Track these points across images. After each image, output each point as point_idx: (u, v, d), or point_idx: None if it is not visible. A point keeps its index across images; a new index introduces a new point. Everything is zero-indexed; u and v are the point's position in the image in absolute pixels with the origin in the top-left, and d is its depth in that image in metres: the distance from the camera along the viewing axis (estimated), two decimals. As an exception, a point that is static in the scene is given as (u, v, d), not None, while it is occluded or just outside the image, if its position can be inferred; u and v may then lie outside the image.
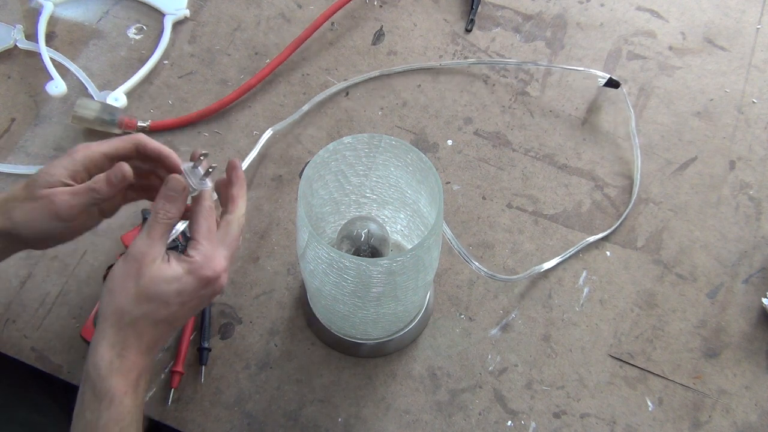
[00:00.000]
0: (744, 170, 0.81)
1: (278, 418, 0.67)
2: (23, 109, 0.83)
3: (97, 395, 0.50)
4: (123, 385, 0.51)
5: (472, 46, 0.89)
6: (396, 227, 0.70)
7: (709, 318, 0.73)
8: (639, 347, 0.71)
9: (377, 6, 0.93)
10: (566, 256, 0.74)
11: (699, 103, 0.85)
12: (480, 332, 0.71)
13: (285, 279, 0.73)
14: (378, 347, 0.69)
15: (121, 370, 0.51)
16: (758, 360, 0.70)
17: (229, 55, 0.88)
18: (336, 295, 0.59)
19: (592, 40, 0.90)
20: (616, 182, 0.80)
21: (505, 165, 0.81)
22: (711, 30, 0.91)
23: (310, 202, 0.62)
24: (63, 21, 0.90)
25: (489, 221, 0.77)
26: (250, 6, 0.92)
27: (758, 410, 0.68)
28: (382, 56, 0.88)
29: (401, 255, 0.54)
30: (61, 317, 0.71)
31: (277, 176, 0.79)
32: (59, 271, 0.73)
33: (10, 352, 0.69)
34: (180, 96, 0.85)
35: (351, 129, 0.83)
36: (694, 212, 0.78)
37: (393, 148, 0.60)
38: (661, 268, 0.75)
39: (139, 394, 0.53)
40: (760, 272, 0.75)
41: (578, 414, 0.68)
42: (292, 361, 0.69)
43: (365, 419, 0.67)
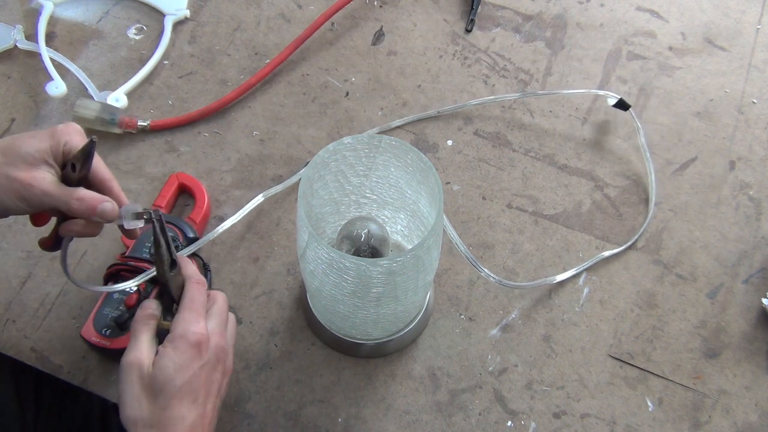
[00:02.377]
0: (744, 170, 0.81)
1: (278, 418, 0.67)
2: (23, 109, 0.83)
3: None
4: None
5: (472, 47, 0.89)
6: (396, 227, 0.70)
7: (709, 318, 0.73)
8: (639, 347, 0.71)
9: (377, 6, 0.93)
10: (581, 269, 0.74)
11: (699, 103, 0.85)
12: (480, 332, 0.71)
13: (285, 279, 0.73)
14: (378, 347, 0.69)
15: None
16: (758, 360, 0.70)
17: (229, 55, 0.88)
18: (336, 296, 0.59)
19: (592, 40, 0.90)
20: (616, 182, 0.80)
21: (505, 165, 0.81)
22: (711, 30, 0.91)
23: (310, 203, 0.62)
24: (63, 21, 0.90)
25: (489, 221, 0.77)
26: (250, 6, 0.92)
27: (758, 410, 0.68)
28: (382, 56, 0.88)
29: (401, 255, 0.54)
30: (61, 317, 0.71)
31: (277, 176, 0.79)
32: (59, 271, 0.73)
33: (10, 352, 0.69)
34: (180, 96, 0.85)
35: (351, 129, 0.83)
36: (694, 212, 0.78)
37: (393, 149, 0.60)
38: (661, 269, 0.75)
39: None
40: (760, 272, 0.75)
41: (578, 414, 0.68)
42: (292, 362, 0.69)
43: (365, 419, 0.67)
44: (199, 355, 0.53)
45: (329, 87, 0.86)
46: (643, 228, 0.76)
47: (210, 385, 0.54)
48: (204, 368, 0.53)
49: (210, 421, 0.54)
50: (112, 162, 0.79)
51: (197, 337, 0.53)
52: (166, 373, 0.52)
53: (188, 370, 0.52)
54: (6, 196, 0.53)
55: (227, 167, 0.80)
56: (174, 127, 0.82)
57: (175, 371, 0.52)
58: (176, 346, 0.52)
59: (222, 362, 0.55)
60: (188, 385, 0.52)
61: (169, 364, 0.52)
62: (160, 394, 0.51)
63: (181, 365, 0.52)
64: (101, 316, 0.67)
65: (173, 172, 0.78)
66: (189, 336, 0.53)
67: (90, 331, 0.66)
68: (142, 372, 0.52)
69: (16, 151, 0.53)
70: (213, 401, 0.54)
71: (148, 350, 0.53)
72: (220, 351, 0.55)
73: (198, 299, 0.56)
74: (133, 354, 0.53)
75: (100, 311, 0.67)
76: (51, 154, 0.55)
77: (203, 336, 0.53)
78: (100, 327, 0.66)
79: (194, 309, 0.55)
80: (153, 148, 0.81)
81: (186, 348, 0.52)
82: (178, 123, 0.82)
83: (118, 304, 0.67)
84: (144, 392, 0.52)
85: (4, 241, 0.75)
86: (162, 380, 0.51)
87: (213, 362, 0.54)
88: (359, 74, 0.87)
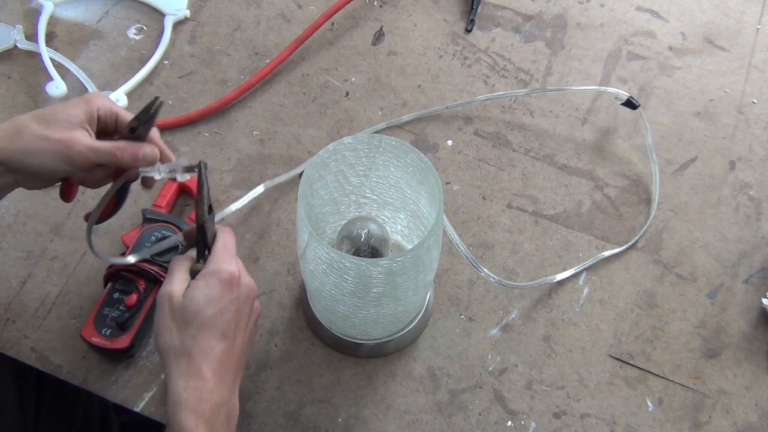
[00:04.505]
0: (744, 170, 0.81)
1: (278, 418, 0.67)
2: (23, 109, 0.83)
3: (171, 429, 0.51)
4: (193, 419, 0.50)
5: (472, 47, 0.89)
6: (396, 227, 0.70)
7: (709, 318, 0.73)
8: (639, 347, 0.71)
9: (377, 6, 0.93)
10: (581, 268, 0.74)
11: (699, 103, 0.85)
12: (480, 332, 0.71)
13: (285, 279, 0.73)
14: (378, 347, 0.69)
15: (189, 404, 0.51)
16: (758, 360, 0.70)
17: (229, 55, 0.88)
18: (336, 296, 0.60)
19: (592, 40, 0.90)
20: (616, 182, 0.80)
21: (505, 165, 0.81)
22: (711, 30, 0.91)
23: (310, 203, 0.62)
24: (63, 21, 0.90)
25: (489, 221, 0.77)
26: (250, 6, 0.92)
27: (758, 410, 0.68)
28: (382, 56, 0.88)
29: (401, 255, 0.54)
30: (61, 317, 0.71)
31: (277, 176, 0.79)
32: (59, 271, 0.73)
33: (10, 352, 0.69)
34: (180, 96, 0.85)
35: (351, 129, 0.83)
36: (694, 212, 0.78)
37: (393, 149, 0.60)
38: (661, 269, 0.75)
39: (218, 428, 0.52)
40: (760, 272, 0.75)
41: (578, 414, 0.68)
42: (292, 362, 0.69)
43: (365, 419, 0.67)
44: (230, 290, 0.54)
45: (329, 87, 0.86)
46: (644, 228, 0.76)
47: (239, 320, 0.55)
48: (234, 302, 0.55)
49: (239, 355, 0.55)
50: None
51: (228, 274, 0.55)
52: (197, 304, 0.53)
53: (218, 303, 0.54)
54: (47, 157, 0.55)
55: (227, 167, 0.80)
56: (174, 127, 0.82)
57: (205, 303, 0.53)
58: (208, 281, 0.54)
59: (252, 299, 0.57)
60: (218, 317, 0.53)
61: (200, 295, 0.53)
62: (191, 323, 0.53)
63: (211, 298, 0.53)
64: (101, 316, 0.67)
65: (173, 172, 0.78)
66: (221, 272, 0.55)
67: (90, 331, 0.66)
68: (173, 303, 0.54)
69: (51, 118, 0.56)
70: (242, 336, 0.56)
71: (180, 284, 0.55)
72: (251, 290, 0.57)
73: (230, 244, 0.58)
74: (167, 287, 0.55)
75: (100, 311, 0.67)
76: (86, 120, 0.57)
77: (234, 273, 0.55)
78: (100, 327, 0.66)
79: (227, 251, 0.57)
80: (153, 148, 0.81)
81: (217, 283, 0.54)
82: (178, 123, 0.82)
83: (118, 304, 0.67)
84: (175, 322, 0.53)
85: (4, 241, 0.75)
86: (192, 311, 0.53)
87: (243, 298, 0.56)
88: (359, 74, 0.87)
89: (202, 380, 0.52)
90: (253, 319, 0.58)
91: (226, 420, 0.53)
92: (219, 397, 0.52)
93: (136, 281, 0.68)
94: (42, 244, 0.74)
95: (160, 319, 0.54)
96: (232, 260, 0.56)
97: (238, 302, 0.55)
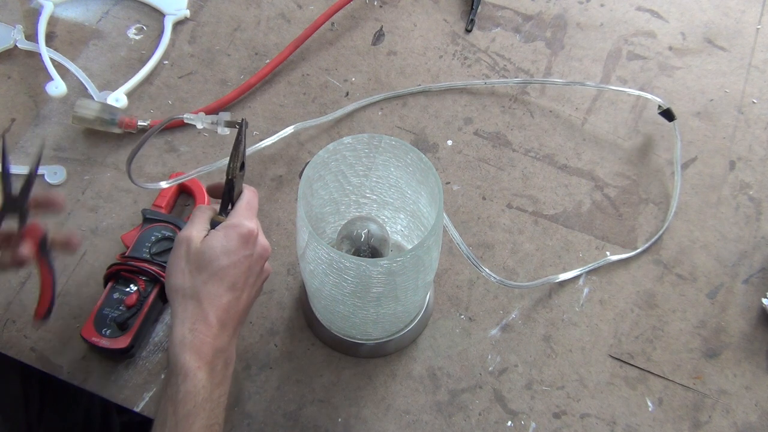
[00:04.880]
0: (744, 170, 0.81)
1: (278, 419, 0.67)
2: (23, 109, 0.83)
3: (174, 370, 0.53)
4: (195, 360, 0.53)
5: (472, 47, 0.89)
6: (396, 227, 0.70)
7: (709, 318, 0.72)
8: (639, 347, 0.71)
9: (377, 6, 0.93)
10: (585, 270, 0.74)
11: (699, 103, 0.85)
12: (480, 332, 0.71)
13: (285, 279, 0.73)
14: (378, 347, 0.69)
15: (193, 345, 0.53)
16: (758, 360, 0.70)
17: (229, 55, 0.88)
18: (336, 296, 0.60)
19: (592, 40, 0.90)
20: (616, 182, 0.80)
21: (505, 165, 0.81)
22: (711, 30, 0.91)
23: (310, 203, 0.62)
24: (63, 21, 0.90)
25: (489, 221, 0.77)
26: (250, 6, 0.92)
27: (758, 410, 0.68)
28: (382, 56, 0.88)
29: (401, 255, 0.54)
30: (61, 317, 0.71)
31: (277, 176, 0.79)
32: (59, 271, 0.73)
33: (10, 352, 0.69)
34: (180, 96, 0.85)
35: (351, 129, 0.83)
36: (694, 212, 0.78)
37: (393, 148, 0.60)
38: (661, 269, 0.75)
39: (217, 373, 0.54)
40: (760, 272, 0.75)
41: (578, 414, 0.68)
42: (292, 362, 0.69)
43: (365, 419, 0.67)
44: (246, 245, 0.56)
45: (329, 87, 0.86)
46: (656, 237, 0.76)
47: (249, 276, 0.57)
48: (248, 258, 0.57)
49: (243, 308, 0.58)
50: (112, 162, 0.80)
51: (247, 230, 0.56)
52: (213, 252, 0.55)
53: (233, 255, 0.56)
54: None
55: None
56: (174, 127, 0.82)
57: (221, 252, 0.55)
58: (227, 233, 0.56)
59: (264, 260, 0.59)
60: (230, 269, 0.55)
61: (217, 245, 0.55)
62: (204, 269, 0.55)
63: (228, 249, 0.55)
64: (101, 316, 0.67)
65: (173, 172, 0.78)
66: (241, 227, 0.56)
67: (90, 331, 0.66)
68: (190, 247, 0.56)
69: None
70: (249, 291, 0.58)
71: (199, 231, 0.57)
72: (264, 250, 0.59)
73: (254, 202, 0.60)
74: (187, 231, 0.57)
75: (100, 311, 0.67)
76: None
77: (253, 230, 0.57)
78: (100, 327, 0.66)
79: (249, 208, 0.59)
80: (153, 148, 0.81)
81: (235, 236, 0.56)
82: (178, 123, 0.82)
83: (118, 304, 0.67)
84: (189, 265, 0.56)
85: (4, 241, 0.75)
86: (208, 257, 0.55)
87: (256, 257, 0.58)
88: (359, 74, 0.87)
89: (207, 325, 0.54)
90: (261, 279, 0.60)
91: (225, 366, 0.55)
92: (221, 343, 0.55)
93: (136, 281, 0.68)
94: (42, 244, 0.74)
95: (175, 260, 0.56)
96: (253, 218, 0.58)
97: (251, 259, 0.57)
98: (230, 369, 0.57)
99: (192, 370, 0.52)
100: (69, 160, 0.79)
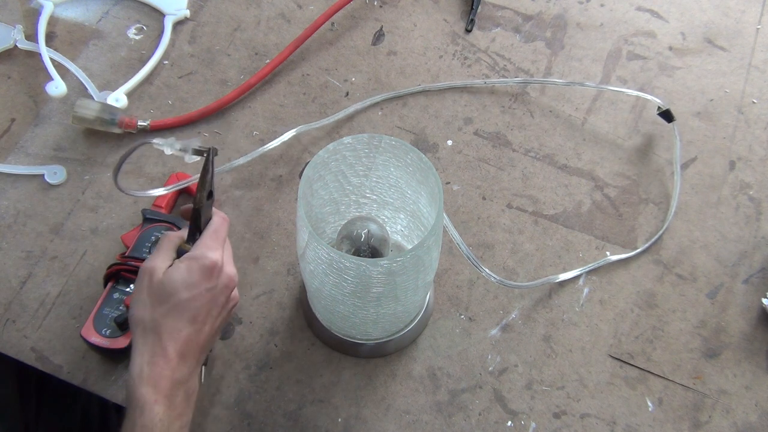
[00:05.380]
0: (744, 170, 0.81)
1: (278, 418, 0.67)
2: (23, 110, 0.83)
3: (131, 403, 0.52)
4: (152, 394, 0.52)
5: (472, 47, 0.89)
6: (396, 227, 0.70)
7: (709, 318, 0.73)
8: (639, 347, 0.71)
9: (377, 6, 0.93)
10: (587, 269, 0.74)
11: (699, 103, 0.85)
12: (480, 332, 0.71)
13: (285, 279, 0.73)
14: (378, 347, 0.69)
15: (151, 378, 0.52)
16: (758, 360, 0.70)
17: (229, 55, 0.88)
18: (336, 296, 0.59)
19: (592, 40, 0.90)
20: (616, 182, 0.80)
21: (505, 165, 0.81)
22: (711, 30, 0.91)
23: (310, 203, 0.62)
24: (63, 21, 0.90)
25: (489, 221, 0.77)
26: (250, 6, 0.92)
27: (758, 410, 0.68)
28: (382, 56, 0.88)
29: (401, 255, 0.54)
30: (61, 317, 0.71)
31: (277, 176, 0.79)
32: (59, 271, 0.73)
33: (10, 352, 0.69)
34: (180, 96, 0.85)
35: (351, 129, 0.83)
36: (694, 212, 0.78)
37: (393, 148, 0.60)
38: (661, 268, 0.75)
39: (177, 405, 0.53)
40: (760, 272, 0.75)
41: (578, 414, 0.68)
42: (292, 362, 0.69)
43: (365, 419, 0.67)
44: (209, 278, 0.56)
45: (329, 87, 0.86)
46: (656, 237, 0.76)
47: (212, 308, 0.57)
48: (210, 291, 0.56)
49: (205, 340, 0.57)
50: (112, 162, 0.79)
51: (211, 262, 0.56)
52: (174, 286, 0.55)
53: (194, 289, 0.55)
54: None
55: (227, 167, 0.80)
56: (174, 127, 0.82)
57: (182, 286, 0.55)
58: (190, 266, 0.56)
59: (230, 290, 0.58)
60: (191, 302, 0.55)
61: (178, 278, 0.55)
62: (165, 302, 0.55)
63: (189, 283, 0.55)
64: (101, 316, 0.67)
65: (173, 172, 0.78)
66: (204, 259, 0.56)
67: (90, 331, 0.66)
68: (153, 279, 0.55)
69: None
70: (212, 323, 0.57)
71: (163, 261, 0.57)
72: (230, 280, 0.58)
73: (221, 231, 0.59)
74: (150, 262, 0.57)
75: (100, 311, 0.67)
76: None
77: (216, 262, 0.56)
78: (100, 327, 0.66)
79: (216, 238, 0.58)
80: (153, 148, 0.80)
81: (198, 269, 0.55)
82: (178, 123, 0.82)
83: (118, 304, 0.67)
84: (150, 298, 0.55)
85: (4, 241, 0.75)
86: (169, 290, 0.55)
87: (220, 288, 0.57)
88: (359, 74, 0.87)
89: (165, 358, 0.53)
90: (227, 309, 0.59)
91: (186, 397, 0.55)
92: (180, 375, 0.54)
93: (136, 281, 0.68)
94: (42, 244, 0.74)
95: (137, 291, 0.56)
96: (219, 249, 0.57)
97: (214, 291, 0.56)
98: (192, 399, 0.56)
99: (149, 404, 0.52)
100: (69, 160, 0.79)
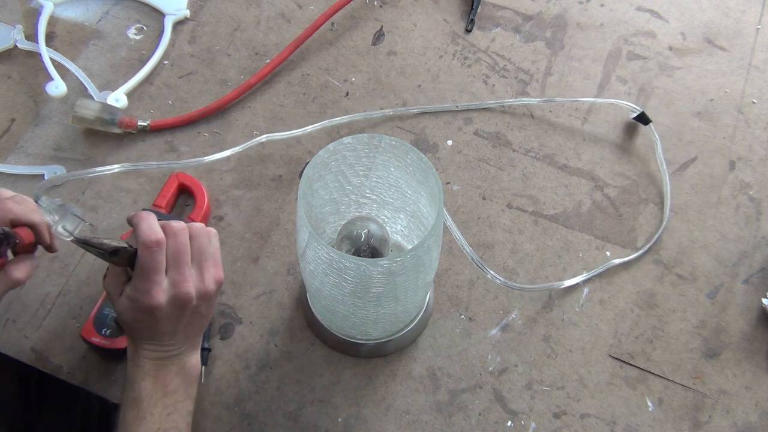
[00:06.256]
0: (744, 170, 0.81)
1: (278, 418, 0.67)
2: (23, 110, 0.83)
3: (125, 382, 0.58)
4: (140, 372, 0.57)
5: (472, 47, 0.89)
6: (396, 227, 0.70)
7: (709, 318, 0.73)
8: (639, 347, 0.71)
9: (377, 6, 0.93)
10: (591, 275, 0.74)
11: (699, 103, 0.85)
12: (480, 332, 0.71)
13: (285, 279, 0.73)
14: (378, 347, 0.69)
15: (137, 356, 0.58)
16: (758, 360, 0.70)
17: (229, 55, 0.88)
18: (336, 296, 0.59)
19: (592, 40, 0.90)
20: (616, 182, 0.80)
21: (505, 165, 0.81)
22: (711, 30, 0.91)
23: (310, 203, 0.62)
24: (63, 21, 0.90)
25: (489, 221, 0.77)
26: (250, 6, 0.92)
27: (758, 410, 0.68)
28: (382, 56, 0.88)
29: (401, 255, 0.54)
30: (61, 317, 0.71)
31: (277, 176, 0.79)
32: (59, 271, 0.73)
33: (10, 352, 0.69)
34: (180, 96, 0.85)
35: (351, 129, 0.83)
36: (694, 212, 0.78)
37: (393, 148, 0.60)
38: (661, 268, 0.75)
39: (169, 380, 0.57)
40: (760, 272, 0.75)
41: (578, 414, 0.68)
42: (292, 362, 0.69)
43: (365, 419, 0.67)
44: (152, 316, 0.56)
45: (329, 87, 0.86)
46: (656, 237, 0.76)
47: (175, 326, 0.57)
48: (161, 320, 0.56)
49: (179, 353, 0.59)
50: (112, 162, 0.79)
51: (147, 305, 0.55)
52: (124, 320, 0.57)
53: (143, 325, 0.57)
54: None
55: (227, 167, 0.80)
56: (174, 127, 0.82)
57: (132, 321, 0.57)
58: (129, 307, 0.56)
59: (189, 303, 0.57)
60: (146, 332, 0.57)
61: (127, 315, 0.57)
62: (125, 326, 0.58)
63: (135, 320, 0.57)
64: (101, 316, 0.67)
65: (173, 172, 0.78)
66: (139, 305, 0.56)
67: (90, 331, 0.66)
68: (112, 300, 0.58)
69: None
70: (181, 335, 0.58)
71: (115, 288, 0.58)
72: (185, 296, 0.56)
73: (148, 266, 0.55)
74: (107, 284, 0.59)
75: (100, 311, 0.67)
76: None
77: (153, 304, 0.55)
78: (100, 327, 0.66)
79: (144, 276, 0.55)
80: (153, 148, 0.81)
81: (137, 311, 0.56)
82: (178, 123, 0.82)
83: (118, 304, 0.67)
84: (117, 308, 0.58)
85: (4, 241, 0.75)
86: (123, 322, 0.58)
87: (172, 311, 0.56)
88: (359, 74, 0.87)
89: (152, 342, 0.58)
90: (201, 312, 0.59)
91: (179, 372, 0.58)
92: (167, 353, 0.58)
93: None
94: (42, 244, 0.74)
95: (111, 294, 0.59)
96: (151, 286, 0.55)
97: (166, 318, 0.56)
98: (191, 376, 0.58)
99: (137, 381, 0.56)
100: (69, 160, 0.79)
